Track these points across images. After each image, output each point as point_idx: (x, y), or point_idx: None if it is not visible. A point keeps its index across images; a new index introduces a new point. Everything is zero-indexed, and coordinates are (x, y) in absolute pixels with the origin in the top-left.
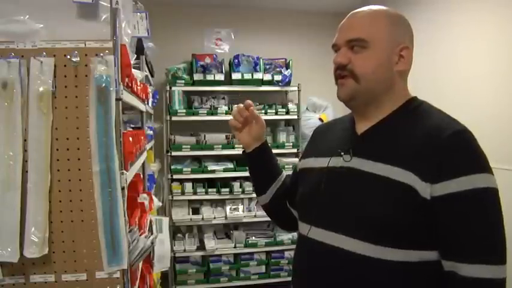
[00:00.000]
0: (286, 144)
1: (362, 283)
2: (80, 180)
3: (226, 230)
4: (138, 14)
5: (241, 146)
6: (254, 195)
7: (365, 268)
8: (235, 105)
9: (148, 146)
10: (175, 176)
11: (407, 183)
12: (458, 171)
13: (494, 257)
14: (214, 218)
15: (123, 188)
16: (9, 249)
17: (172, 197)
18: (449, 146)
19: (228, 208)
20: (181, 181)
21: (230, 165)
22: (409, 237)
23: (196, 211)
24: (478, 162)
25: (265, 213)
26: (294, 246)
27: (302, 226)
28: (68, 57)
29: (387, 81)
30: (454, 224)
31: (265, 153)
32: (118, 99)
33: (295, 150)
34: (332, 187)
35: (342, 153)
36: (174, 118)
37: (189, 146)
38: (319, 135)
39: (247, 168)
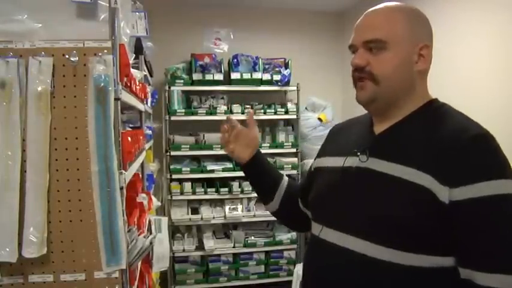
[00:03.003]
0: (285, 144)
1: (372, 286)
2: (78, 180)
3: (225, 230)
4: (137, 13)
5: None
6: (253, 195)
7: (375, 271)
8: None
9: (147, 146)
10: (174, 176)
11: (424, 185)
12: (479, 176)
13: None
14: (213, 217)
15: (121, 188)
16: (7, 249)
17: (171, 197)
18: (470, 149)
19: (227, 208)
20: (180, 181)
21: (229, 165)
22: (422, 241)
23: (195, 211)
24: (499, 167)
25: (264, 213)
26: (293, 246)
27: (314, 226)
28: (67, 56)
29: (408, 82)
30: (473, 230)
31: (263, 161)
32: (117, 99)
33: (294, 150)
34: (346, 187)
35: (358, 153)
36: (173, 118)
37: (188, 146)
38: (335, 135)
39: None
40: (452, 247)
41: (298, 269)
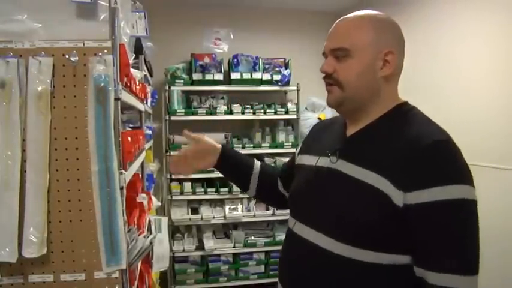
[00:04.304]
0: (285, 144)
1: (335, 280)
2: (78, 180)
3: (225, 230)
4: (137, 13)
5: (240, 145)
6: None
7: (339, 266)
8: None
9: (147, 146)
10: (174, 176)
11: (382, 189)
12: (433, 181)
13: (462, 268)
14: (214, 217)
15: (121, 188)
16: (7, 249)
17: (171, 197)
18: (425, 155)
19: (227, 208)
20: (180, 181)
21: None
22: (381, 241)
23: (195, 211)
24: (454, 173)
25: (264, 213)
26: None
27: (290, 220)
28: (67, 56)
29: (372, 88)
30: (424, 232)
31: (230, 157)
32: (117, 99)
33: (294, 150)
34: (317, 187)
35: (329, 154)
36: (173, 118)
37: (188, 146)
38: (315, 133)
39: None
40: (408, 246)
41: None
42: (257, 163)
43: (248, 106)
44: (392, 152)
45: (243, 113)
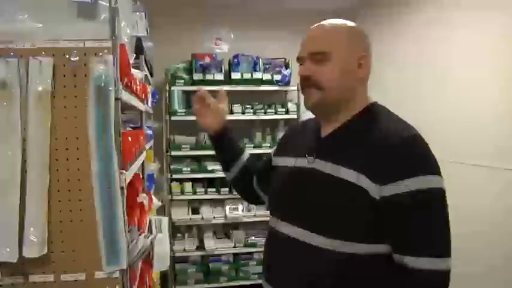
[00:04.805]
0: None
1: (318, 272)
2: (79, 180)
3: (225, 230)
4: (137, 13)
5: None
6: None
7: (319, 258)
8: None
9: (147, 146)
10: (174, 176)
11: (359, 184)
12: (404, 174)
13: (438, 251)
14: (214, 217)
15: (122, 188)
16: (8, 249)
17: (171, 197)
18: (399, 149)
19: (227, 208)
20: (181, 181)
21: None
22: (360, 232)
23: (195, 211)
24: (424, 165)
25: (265, 213)
26: None
27: (271, 219)
28: (67, 56)
29: (350, 89)
30: (401, 221)
31: (229, 132)
32: (117, 99)
33: None
34: (296, 186)
35: (306, 155)
36: (173, 118)
37: (188, 146)
38: (290, 136)
39: None
40: (386, 236)
41: None
42: (246, 152)
43: (248, 106)
44: (366, 149)
45: (243, 113)
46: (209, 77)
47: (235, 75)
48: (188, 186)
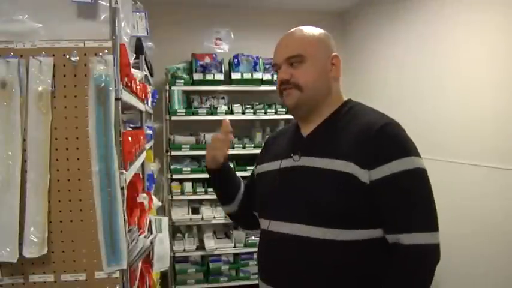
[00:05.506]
0: None
1: (320, 264)
2: (79, 180)
3: (226, 230)
4: (138, 13)
5: (240, 145)
6: None
7: (321, 250)
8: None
9: (147, 146)
10: (174, 176)
11: (349, 172)
12: (389, 157)
13: (428, 225)
14: (214, 217)
15: (122, 188)
16: (8, 249)
17: (171, 197)
18: (379, 137)
19: None
20: (181, 181)
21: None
22: (355, 218)
23: (196, 211)
24: (405, 148)
25: None
26: None
27: (262, 222)
28: (67, 56)
29: (326, 87)
30: (390, 201)
31: (230, 167)
32: (117, 99)
33: None
34: (285, 184)
35: (292, 155)
36: (173, 118)
37: (188, 146)
38: (270, 144)
39: (246, 168)
40: (379, 219)
41: None
42: (242, 182)
43: (249, 106)
44: (350, 139)
45: (243, 113)
46: (209, 77)
47: (236, 75)
48: (188, 186)
